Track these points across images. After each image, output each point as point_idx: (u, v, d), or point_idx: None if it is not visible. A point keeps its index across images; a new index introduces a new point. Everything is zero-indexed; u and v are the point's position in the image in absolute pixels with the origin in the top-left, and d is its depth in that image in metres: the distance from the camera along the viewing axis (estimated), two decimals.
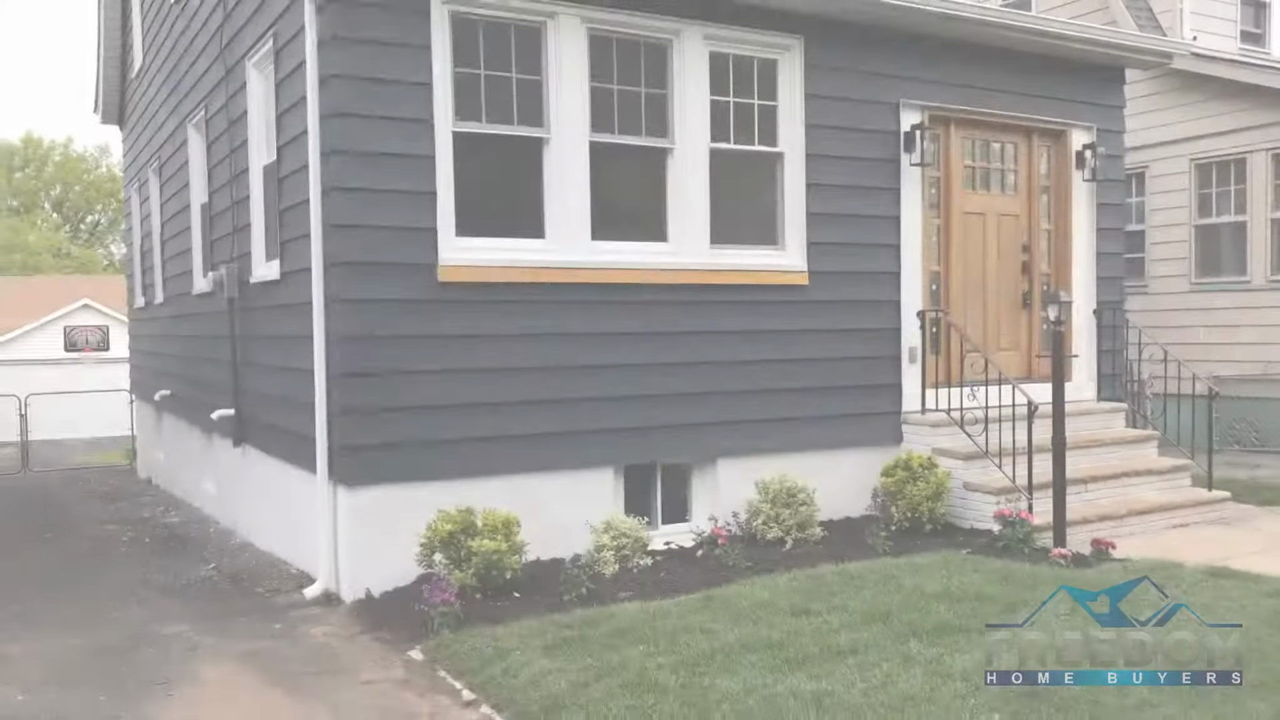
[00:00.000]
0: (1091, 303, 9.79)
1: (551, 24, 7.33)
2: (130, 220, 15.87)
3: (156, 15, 12.66)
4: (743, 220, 8.23)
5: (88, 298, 34.44)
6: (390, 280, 6.80)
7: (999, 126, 9.36)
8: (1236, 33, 14.02)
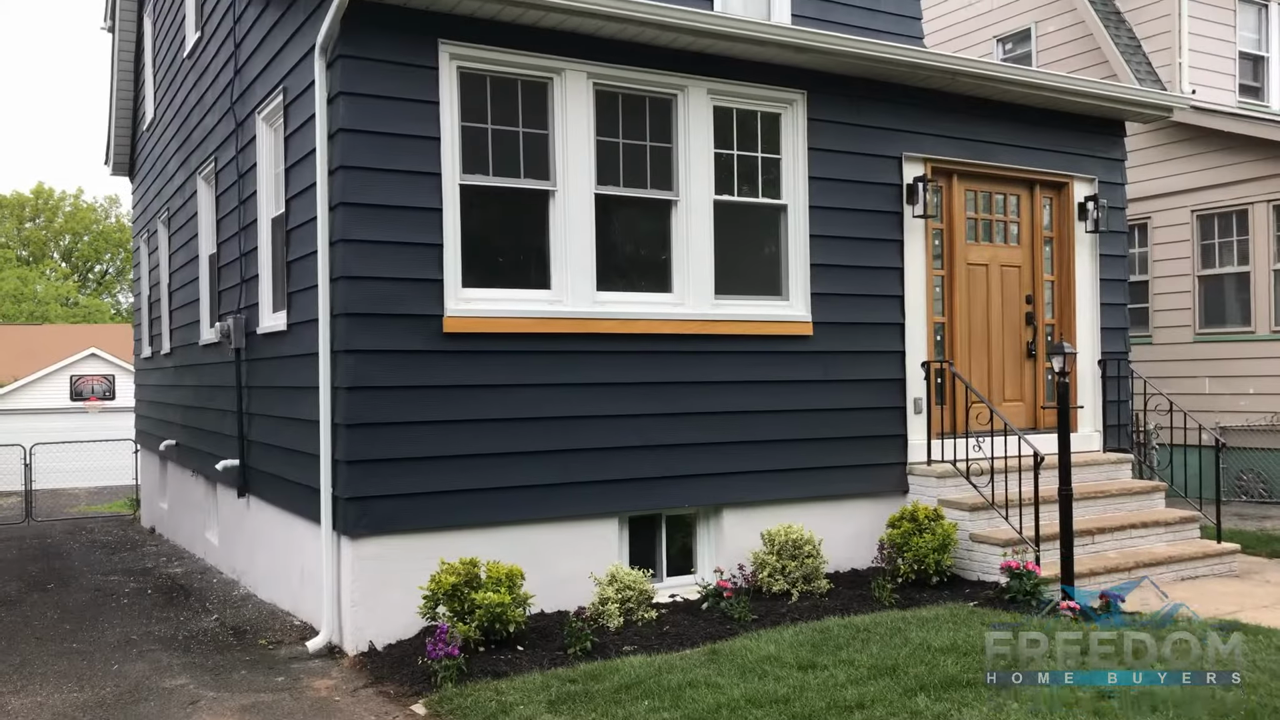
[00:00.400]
0: (1096, 353, 9.79)
1: (558, 79, 7.43)
2: (139, 271, 15.98)
3: (169, 70, 12.85)
4: (747, 271, 8.28)
5: (95, 347, 34.58)
6: (396, 331, 6.83)
7: (1001, 179, 9.43)
8: (1235, 86, 14.17)
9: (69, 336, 38.97)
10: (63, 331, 42.48)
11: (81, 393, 33.79)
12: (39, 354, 35.16)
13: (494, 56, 7.20)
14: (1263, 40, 14.56)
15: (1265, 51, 14.54)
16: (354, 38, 6.72)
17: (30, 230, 64.40)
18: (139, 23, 15.20)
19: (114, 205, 66.69)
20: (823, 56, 8.17)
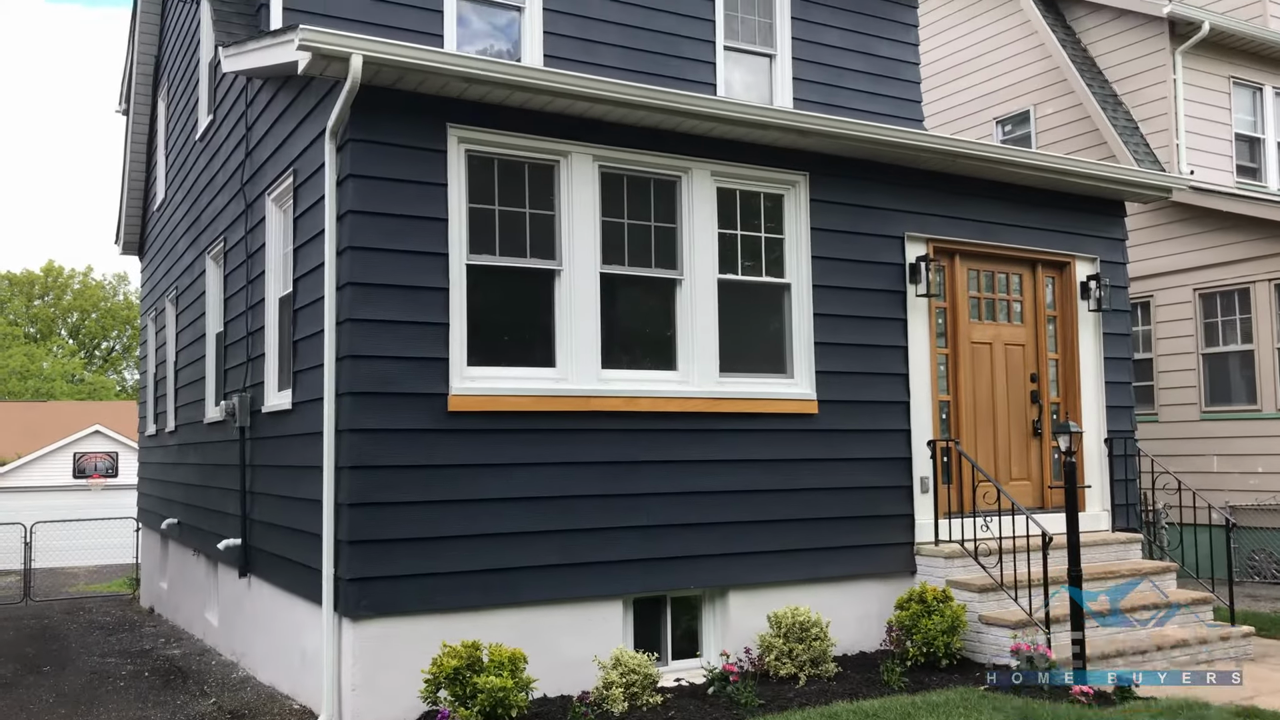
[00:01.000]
0: (1102, 432, 9.76)
1: (564, 162, 7.54)
2: (145, 349, 16.05)
3: (180, 152, 13.06)
4: (751, 349, 8.30)
5: (99, 424, 34.57)
6: (401, 410, 6.83)
7: (1003, 258, 9.50)
8: (1232, 167, 14.35)
9: (73, 413, 39.01)
10: (67, 408, 42.55)
11: (84, 470, 33.71)
12: (43, 431, 35.15)
13: (501, 140, 7.31)
14: (1258, 122, 14.77)
15: (1261, 133, 14.75)
16: (364, 122, 6.84)
17: (39, 307, 64.92)
18: (153, 106, 15.50)
19: (123, 283, 67.33)
20: (824, 139, 8.29)
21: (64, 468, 33.64)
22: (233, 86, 10.00)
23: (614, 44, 10.56)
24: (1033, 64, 15.44)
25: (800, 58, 11.55)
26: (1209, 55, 14.16)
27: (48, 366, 58.56)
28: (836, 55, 11.76)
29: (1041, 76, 15.28)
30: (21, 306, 64.18)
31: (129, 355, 65.59)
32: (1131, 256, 10.59)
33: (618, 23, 10.61)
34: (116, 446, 33.93)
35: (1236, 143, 14.46)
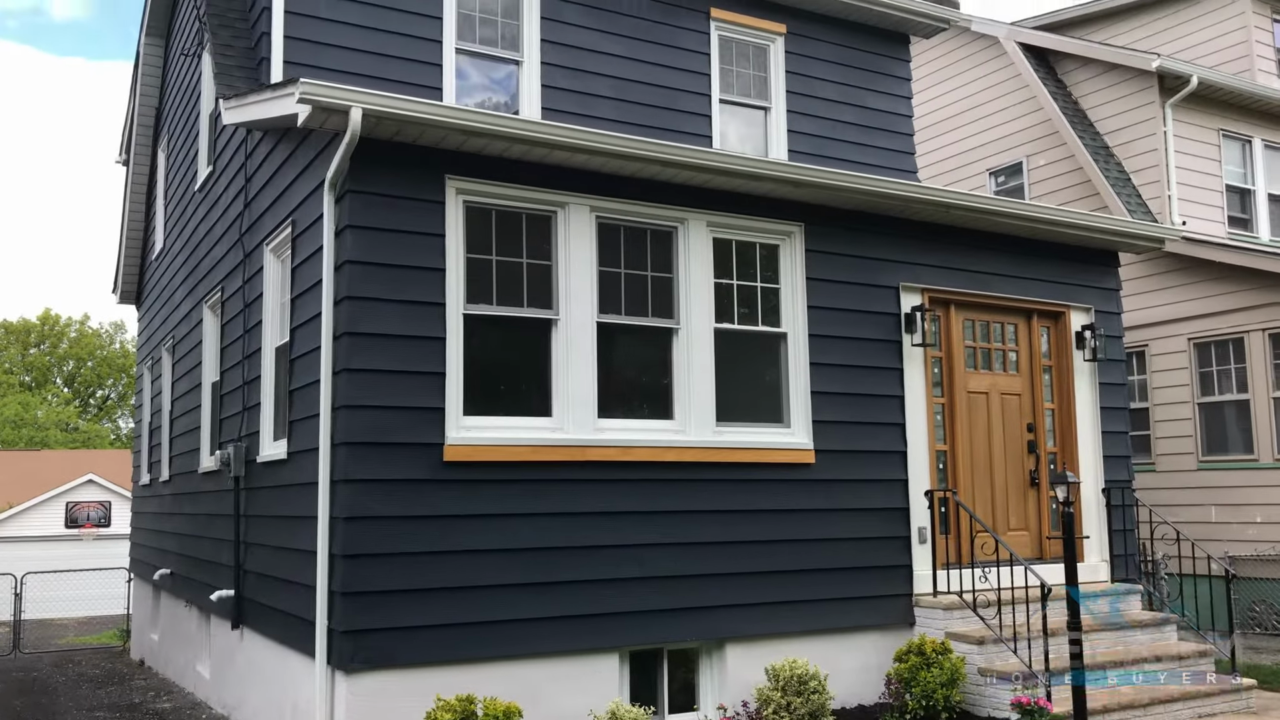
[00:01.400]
0: (1100, 482, 9.73)
1: (562, 212, 7.59)
2: (141, 398, 16.02)
3: (179, 202, 13.14)
4: (748, 399, 8.30)
5: (92, 473, 34.37)
6: (396, 460, 6.81)
7: (998, 308, 9.54)
8: (1224, 218, 14.47)
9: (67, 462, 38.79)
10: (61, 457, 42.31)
11: (77, 520, 33.48)
12: (36, 480, 34.92)
13: (499, 191, 7.37)
14: (1248, 174, 14.92)
15: (1251, 185, 14.89)
16: (363, 173, 6.89)
17: (35, 355, 64.85)
18: (153, 157, 15.61)
19: (119, 331, 67.33)
20: (818, 190, 8.36)
21: (56, 517, 33.40)
22: (233, 138, 10.08)
23: (611, 97, 10.68)
24: (1025, 116, 15.62)
25: (795, 110, 11.68)
26: (1198, 108, 14.33)
27: (42, 415, 58.34)
28: (830, 108, 11.90)
29: (1034, 129, 15.45)
30: (17, 355, 64.12)
31: (124, 404, 65.45)
32: (1126, 306, 10.64)
33: (614, 76, 10.74)
34: (109, 496, 33.73)
35: (1227, 194, 14.60)
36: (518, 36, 10.38)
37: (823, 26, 11.96)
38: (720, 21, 11.40)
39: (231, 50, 9.63)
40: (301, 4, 9.35)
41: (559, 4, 10.52)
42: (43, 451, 46.27)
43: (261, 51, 9.43)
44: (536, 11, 10.42)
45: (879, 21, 12.24)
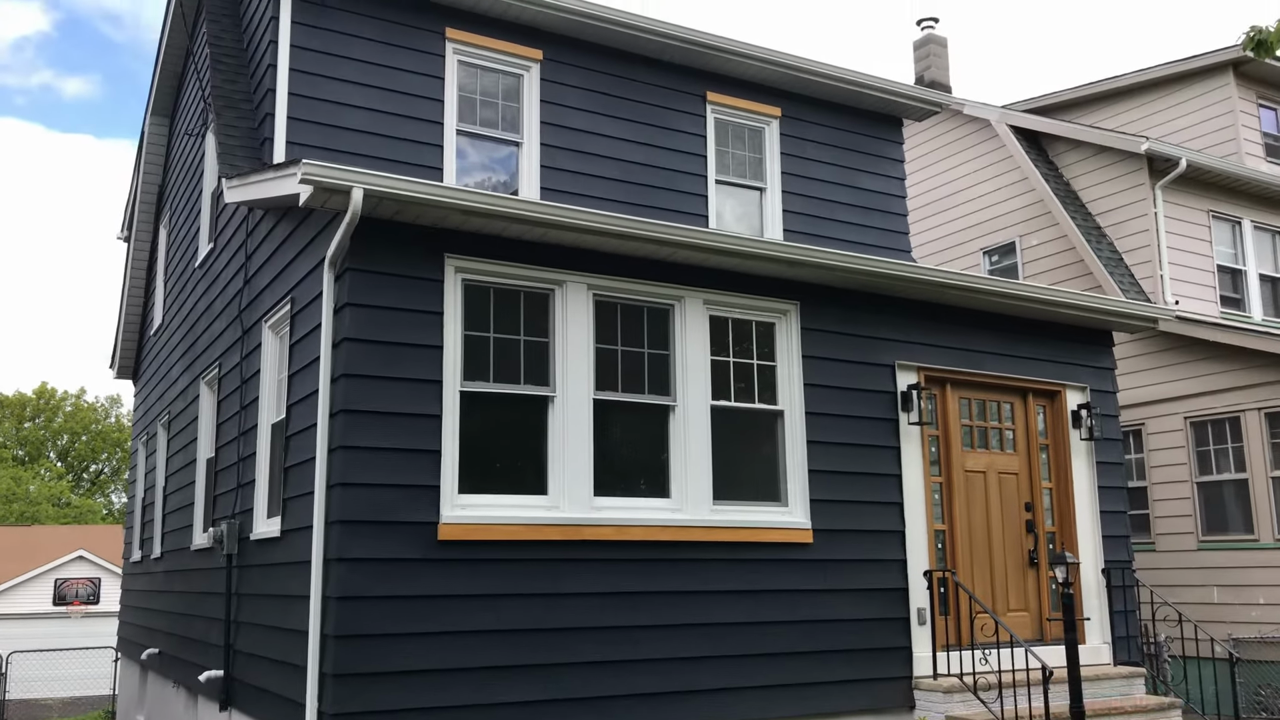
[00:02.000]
0: (1099, 562, 9.66)
1: (559, 290, 7.65)
2: (135, 473, 15.94)
3: (179, 278, 13.23)
4: (745, 477, 8.26)
5: (83, 548, 34.08)
6: (390, 539, 6.75)
7: (994, 387, 9.56)
8: (1216, 297, 14.58)
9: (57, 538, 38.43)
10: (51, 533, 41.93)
11: (65, 597, 33.06)
12: (25, 556, 34.56)
13: (498, 269, 7.43)
14: (1238, 254, 15.08)
15: (1242, 265, 15.04)
16: (362, 252, 6.96)
17: (29, 429, 64.63)
18: (154, 234, 15.75)
19: (115, 405, 67.25)
20: (813, 270, 8.43)
21: (44, 594, 33.00)
22: (234, 216, 10.19)
23: (609, 177, 10.83)
24: (1017, 197, 15.83)
25: (790, 191, 11.84)
26: (1188, 190, 14.54)
27: (34, 489, 57.94)
28: (825, 188, 12.06)
29: (1026, 209, 15.65)
30: (11, 429, 63.93)
31: (117, 478, 65.08)
32: (1121, 384, 10.67)
33: (612, 157, 10.91)
34: (99, 572, 33.38)
35: (1219, 274, 14.73)
36: (518, 118, 10.56)
37: (816, 110, 12.18)
38: (716, 105, 11.61)
39: (235, 130, 9.78)
40: (305, 86, 9.53)
41: (558, 88, 10.72)
42: (33, 527, 45.88)
43: (265, 132, 9.58)
44: (536, 95, 10.62)
45: (871, 105, 12.47)
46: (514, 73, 10.60)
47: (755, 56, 11.41)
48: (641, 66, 11.21)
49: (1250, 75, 15.57)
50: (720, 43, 11.23)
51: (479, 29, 10.38)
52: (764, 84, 11.81)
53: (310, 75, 9.57)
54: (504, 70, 10.56)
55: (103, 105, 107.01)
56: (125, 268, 16.56)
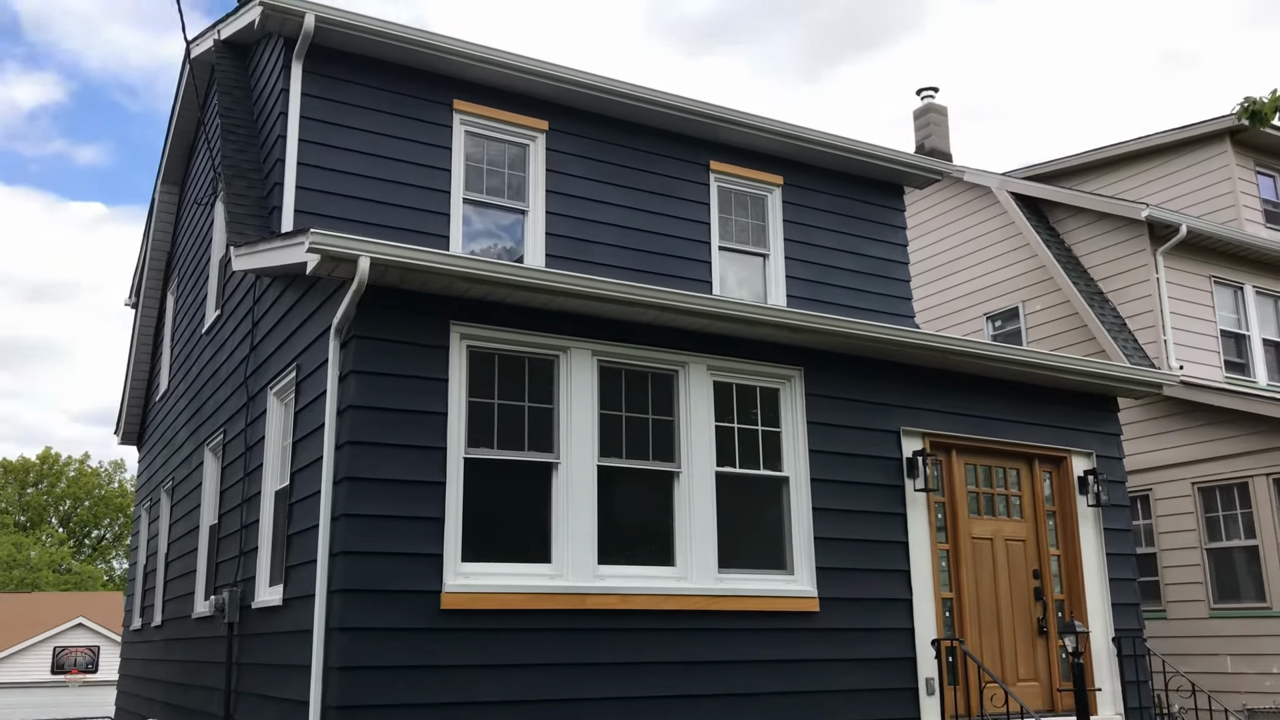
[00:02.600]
0: (1109, 630, 9.53)
1: (564, 356, 7.67)
2: (137, 540, 15.86)
3: (186, 345, 13.29)
4: (751, 544, 8.21)
5: (83, 616, 33.77)
6: (393, 608, 6.70)
7: (1000, 453, 9.52)
8: (1221, 362, 14.56)
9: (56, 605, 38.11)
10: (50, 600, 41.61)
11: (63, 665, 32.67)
12: (24, 624, 34.25)
13: (503, 336, 7.47)
14: (1241, 319, 15.10)
15: (1246, 330, 15.05)
16: (368, 319, 7.00)
17: (31, 495, 64.44)
18: (161, 300, 15.86)
19: (119, 470, 67.09)
20: (816, 336, 8.46)
21: (43, 663, 32.63)
22: (241, 283, 10.27)
23: (613, 244, 10.91)
24: (1020, 262, 15.91)
25: (793, 257, 11.92)
26: (1189, 255, 14.61)
27: (35, 555, 57.60)
28: (828, 254, 12.14)
29: (1029, 274, 15.72)
30: (14, 494, 63.74)
31: (119, 544, 64.73)
32: (1128, 450, 10.61)
33: (617, 224, 11.00)
34: (99, 640, 33.03)
35: (1223, 339, 14.73)
36: (523, 187, 10.69)
37: (818, 178, 12.30)
38: (719, 173, 11.74)
39: (244, 199, 9.90)
40: (314, 156, 9.66)
41: (563, 157, 10.86)
42: (32, 594, 45.55)
43: (274, 200, 9.70)
44: (542, 164, 10.75)
45: (873, 173, 12.61)
46: (520, 142, 10.75)
47: (757, 126, 11.57)
48: (645, 136, 11.36)
49: (1247, 143, 15.73)
50: (723, 113, 11.39)
51: (486, 100, 10.54)
52: (766, 153, 11.95)
53: (319, 145, 9.71)
54: (510, 140, 10.71)
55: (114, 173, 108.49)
56: (132, 333, 16.65)
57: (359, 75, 10.03)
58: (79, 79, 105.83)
